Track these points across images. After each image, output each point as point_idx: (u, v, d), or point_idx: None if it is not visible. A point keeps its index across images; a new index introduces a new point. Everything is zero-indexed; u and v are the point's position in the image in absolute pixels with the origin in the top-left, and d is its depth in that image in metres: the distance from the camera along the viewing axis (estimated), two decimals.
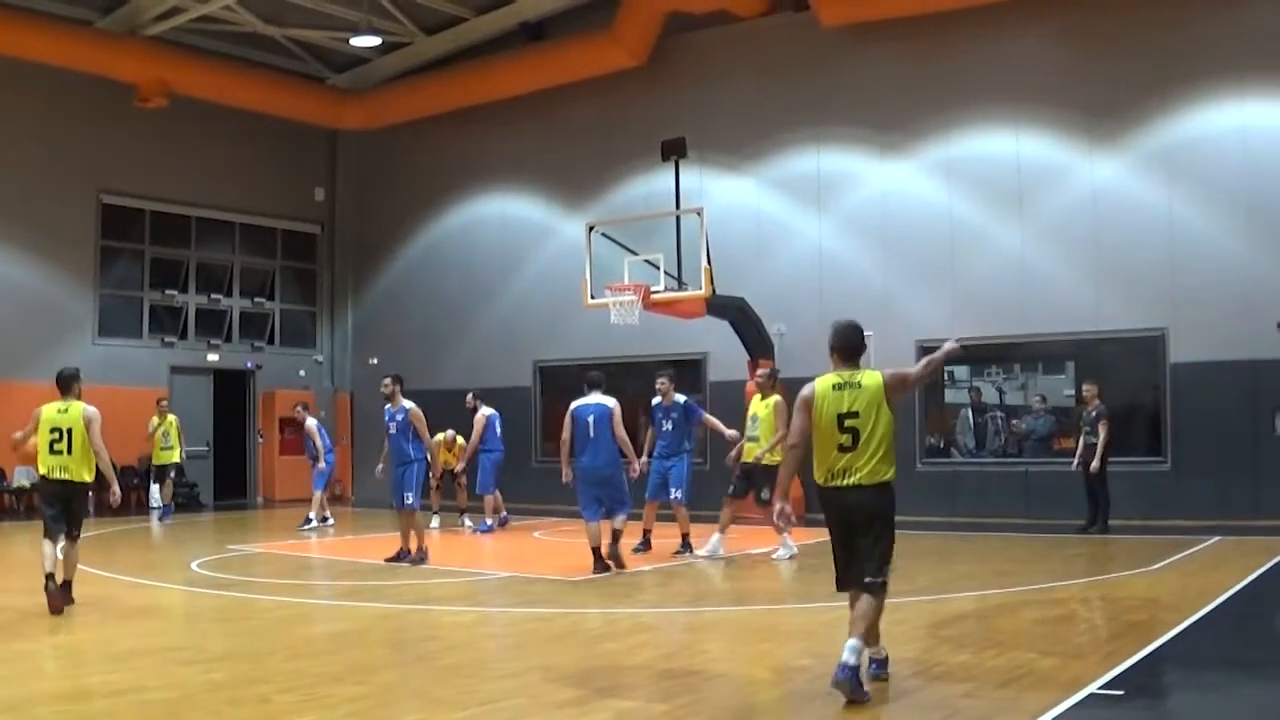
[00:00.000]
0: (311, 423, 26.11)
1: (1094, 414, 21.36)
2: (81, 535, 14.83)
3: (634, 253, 24.47)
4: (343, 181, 36.55)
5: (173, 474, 27.83)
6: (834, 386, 9.61)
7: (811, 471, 9.71)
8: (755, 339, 26.06)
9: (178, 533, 25.16)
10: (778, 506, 10.11)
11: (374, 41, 29.80)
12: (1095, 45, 24.46)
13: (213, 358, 33.72)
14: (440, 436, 23.58)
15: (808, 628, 12.26)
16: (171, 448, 27.62)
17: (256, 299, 35.28)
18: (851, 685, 8.81)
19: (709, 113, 28.54)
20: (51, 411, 15.50)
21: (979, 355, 26.34)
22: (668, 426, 19.61)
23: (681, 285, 24.15)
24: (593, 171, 30.65)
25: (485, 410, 23.94)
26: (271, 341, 35.47)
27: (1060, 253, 24.62)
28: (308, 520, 25.41)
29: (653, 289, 23.88)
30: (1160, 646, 10.73)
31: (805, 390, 9.69)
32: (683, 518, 19.15)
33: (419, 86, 33.18)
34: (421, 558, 18.04)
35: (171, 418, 27.83)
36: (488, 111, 32.14)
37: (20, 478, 29.12)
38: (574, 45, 30.08)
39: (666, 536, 19.25)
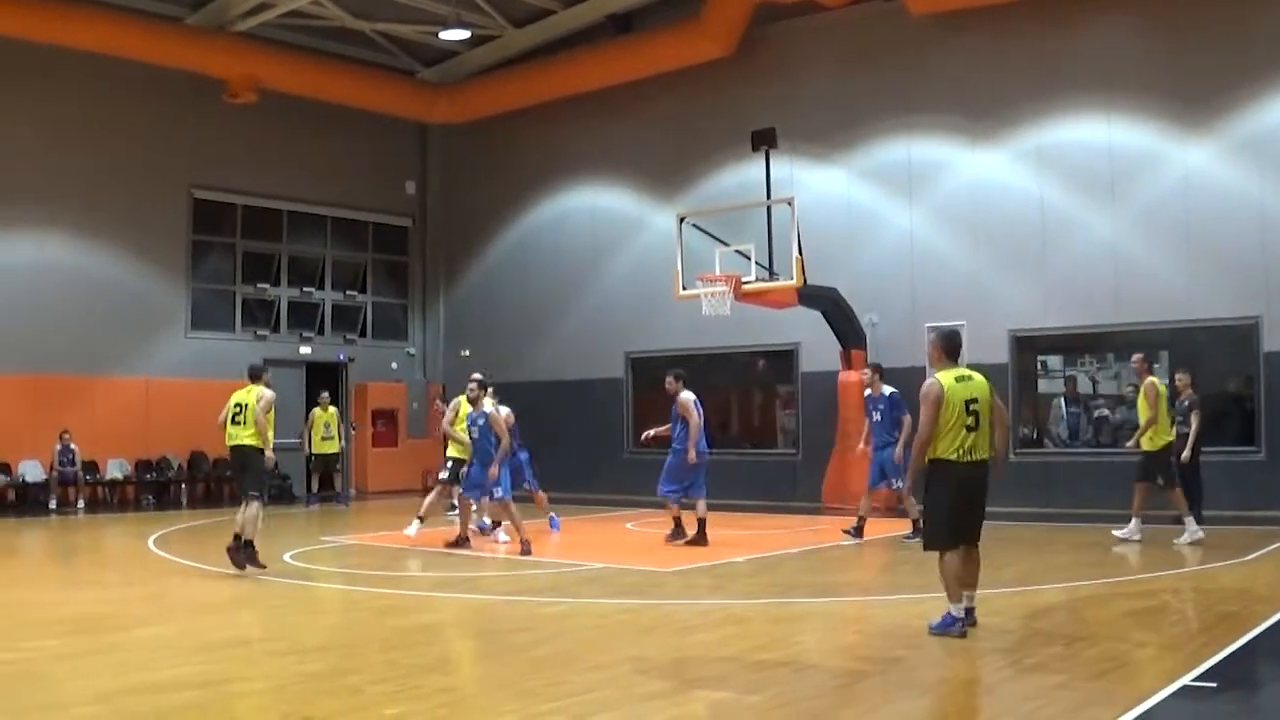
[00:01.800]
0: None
1: (1186, 404, 21.11)
2: (260, 498, 16.62)
3: (725, 243, 24.40)
4: (433, 174, 36.67)
5: (337, 465, 28.86)
6: (956, 379, 11.36)
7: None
8: (847, 329, 25.96)
9: (271, 525, 25.25)
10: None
11: (463, 35, 29.82)
12: (1185, 31, 24.12)
13: (305, 350, 33.90)
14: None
15: (898, 619, 12.15)
16: (332, 438, 28.00)
17: (348, 292, 35.44)
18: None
19: (798, 103, 28.40)
20: (239, 393, 16.64)
21: (1072, 345, 26.10)
22: (876, 417, 19.89)
23: (773, 276, 24.09)
24: (682, 163, 30.58)
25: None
26: (363, 334, 35.64)
27: (1152, 241, 24.33)
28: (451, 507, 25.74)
29: (744, 279, 23.81)
30: (1254, 638, 10.58)
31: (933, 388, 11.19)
32: (910, 505, 18.99)
33: (508, 80, 33.24)
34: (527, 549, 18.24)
35: (332, 410, 28.24)
36: (577, 104, 32.17)
37: (113, 470, 29.37)
38: (662, 37, 30.04)
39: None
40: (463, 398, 20.67)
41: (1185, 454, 20.67)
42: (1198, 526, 17.80)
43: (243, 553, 15.80)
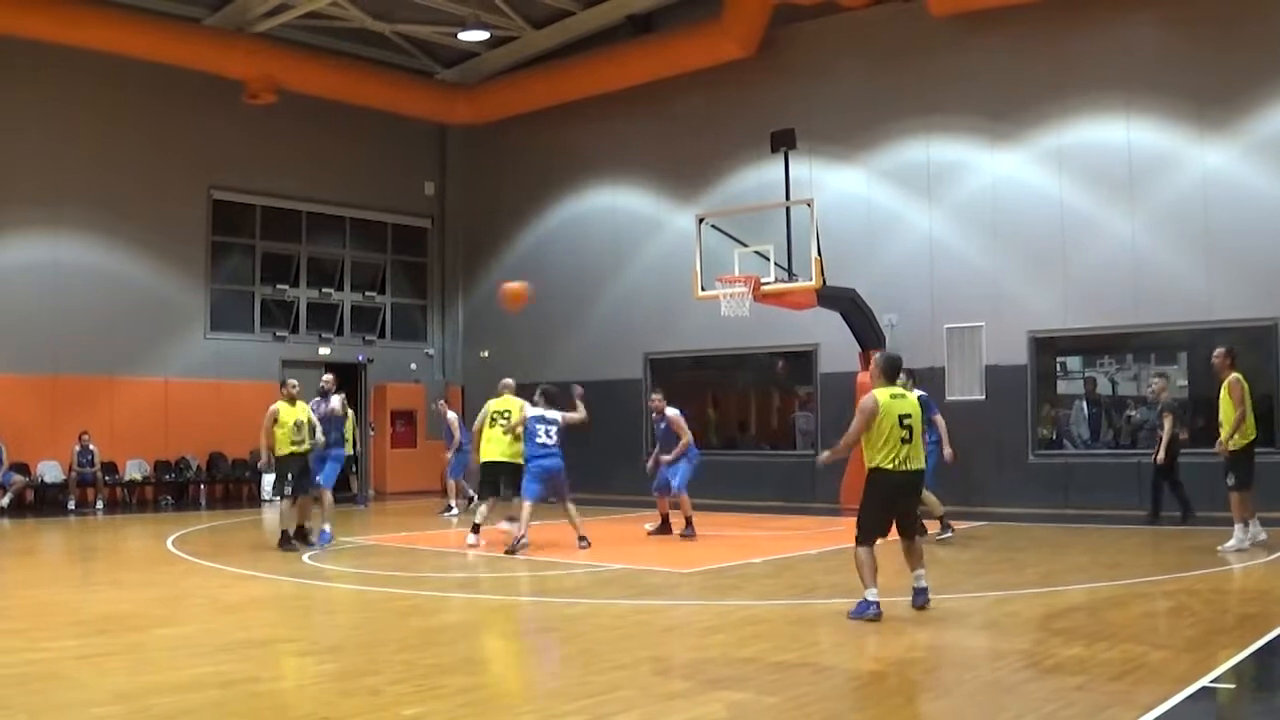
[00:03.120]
0: (452, 415, 26.60)
1: (1160, 407, 21.15)
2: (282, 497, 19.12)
3: (744, 244, 24.38)
4: (453, 175, 36.73)
5: (353, 467, 28.33)
6: (891, 396, 12.44)
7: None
8: (866, 330, 25.93)
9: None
10: None
11: (482, 36, 29.88)
12: (1205, 31, 24.11)
13: (324, 351, 33.96)
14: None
15: (917, 620, 12.12)
16: (347, 440, 27.98)
17: (368, 293, 35.51)
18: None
19: (818, 103, 28.41)
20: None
21: (1091, 346, 26.08)
22: None
23: (792, 276, 24.07)
24: (702, 163, 30.58)
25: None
26: (383, 335, 35.71)
27: (1172, 242, 24.29)
28: (449, 508, 25.84)
29: (763, 280, 23.80)
30: (1273, 640, 10.52)
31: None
32: (932, 503, 18.87)
33: (527, 80, 33.29)
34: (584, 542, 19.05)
35: (350, 413, 28.22)
36: (596, 104, 32.19)
37: (132, 471, 29.43)
38: (682, 37, 30.06)
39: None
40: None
41: (1160, 456, 20.70)
42: (1245, 536, 17.48)
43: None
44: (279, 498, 20.37)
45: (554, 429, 19.30)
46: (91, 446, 28.00)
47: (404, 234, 36.42)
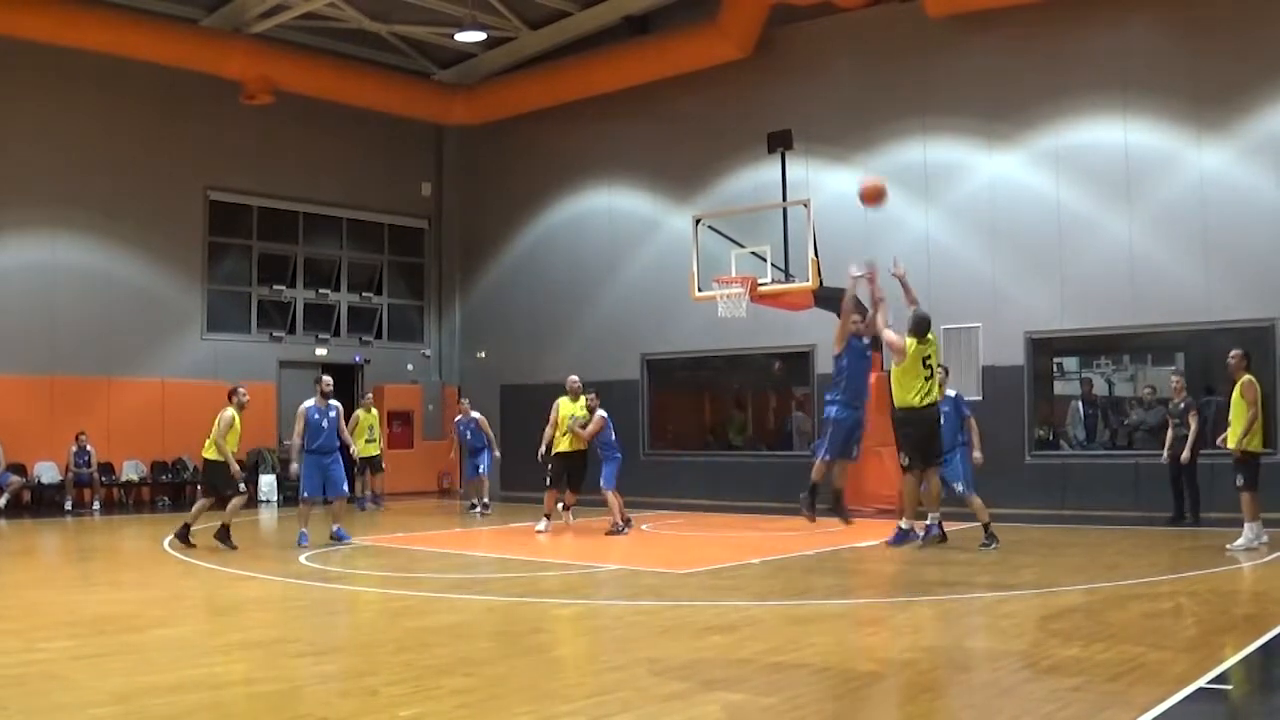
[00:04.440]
0: (476, 415, 26.67)
1: (1182, 405, 21.12)
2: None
3: (741, 245, 24.41)
4: (449, 176, 36.73)
5: (382, 467, 28.64)
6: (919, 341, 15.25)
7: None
8: None
9: (287, 525, 25.32)
10: None
11: (479, 37, 29.85)
12: (1201, 31, 24.12)
13: (321, 352, 33.98)
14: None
15: (914, 621, 12.13)
16: (374, 441, 27.89)
17: (364, 294, 35.53)
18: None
19: (814, 104, 28.42)
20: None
21: (1088, 347, 26.09)
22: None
23: (789, 277, 24.10)
24: (698, 164, 30.59)
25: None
26: (379, 336, 35.72)
27: (1169, 243, 24.30)
28: (485, 505, 25.96)
29: (760, 281, 23.81)
30: (1271, 641, 10.52)
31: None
32: (977, 508, 18.80)
33: (524, 81, 33.31)
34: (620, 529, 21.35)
35: (374, 412, 28.19)
36: (593, 105, 32.20)
37: (128, 472, 29.43)
38: (678, 38, 30.08)
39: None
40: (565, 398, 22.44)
41: (1184, 455, 20.68)
42: (1255, 535, 17.53)
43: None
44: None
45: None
46: (88, 447, 28.00)
47: (401, 235, 36.42)
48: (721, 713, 8.36)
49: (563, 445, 21.95)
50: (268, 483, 30.67)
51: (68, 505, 27.64)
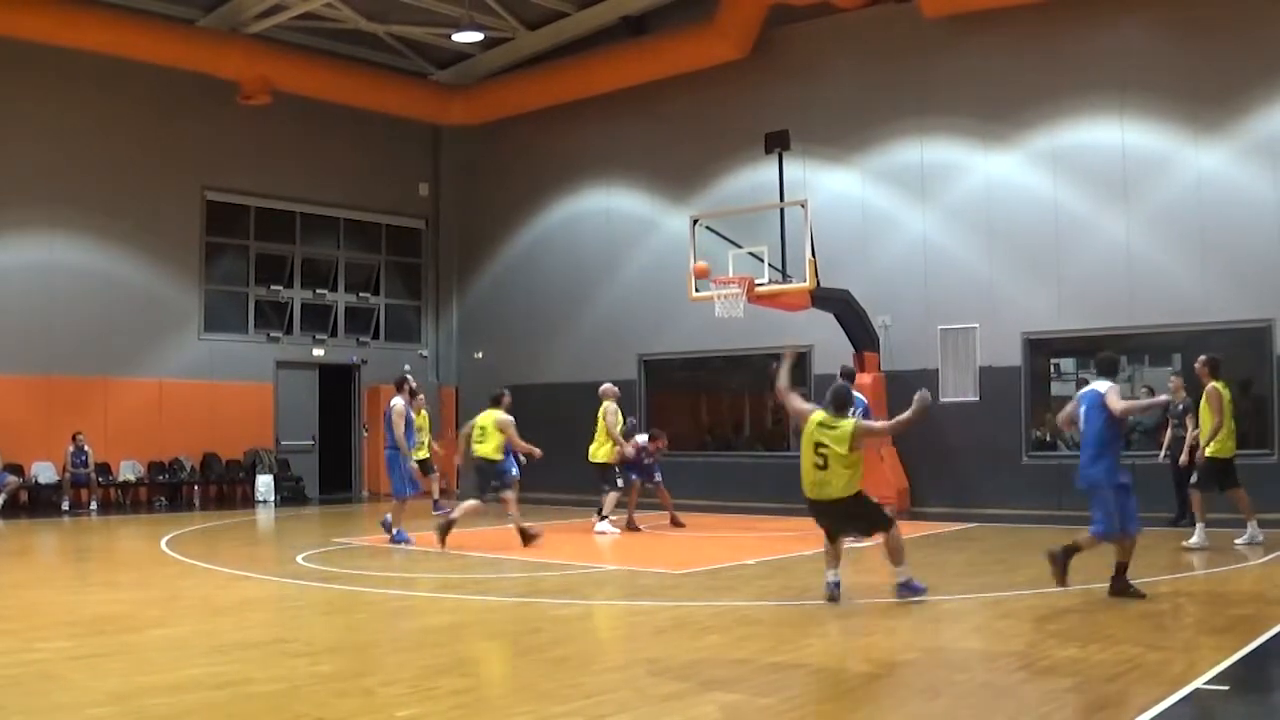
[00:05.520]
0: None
1: (1181, 407, 21.10)
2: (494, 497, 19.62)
3: (738, 245, 24.39)
4: (447, 176, 36.72)
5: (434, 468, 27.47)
6: (819, 424, 13.05)
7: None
8: (860, 331, 25.97)
9: (282, 526, 25.35)
10: None
11: (476, 37, 29.82)
12: (1199, 32, 24.11)
13: (318, 352, 33.98)
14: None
15: (912, 622, 12.14)
16: (423, 445, 27.33)
17: (361, 294, 35.50)
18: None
19: (812, 105, 28.42)
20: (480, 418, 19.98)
21: (1086, 348, 26.08)
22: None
23: (786, 278, 24.08)
24: (696, 164, 30.60)
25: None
26: (376, 336, 35.70)
27: (1166, 243, 24.30)
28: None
29: (757, 282, 23.81)
30: (1267, 641, 10.54)
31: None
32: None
33: (522, 81, 33.29)
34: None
35: (425, 414, 27.42)
36: (590, 106, 32.21)
37: (126, 472, 29.42)
38: (676, 38, 30.07)
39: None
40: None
41: (1182, 458, 20.67)
42: (1259, 529, 17.67)
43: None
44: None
45: None
46: (86, 447, 27.98)
47: (398, 235, 36.41)
48: (719, 713, 8.37)
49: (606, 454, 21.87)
50: (265, 483, 30.65)
51: (65, 505, 27.60)
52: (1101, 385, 13.56)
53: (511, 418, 19.99)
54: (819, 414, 13.19)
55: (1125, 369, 25.71)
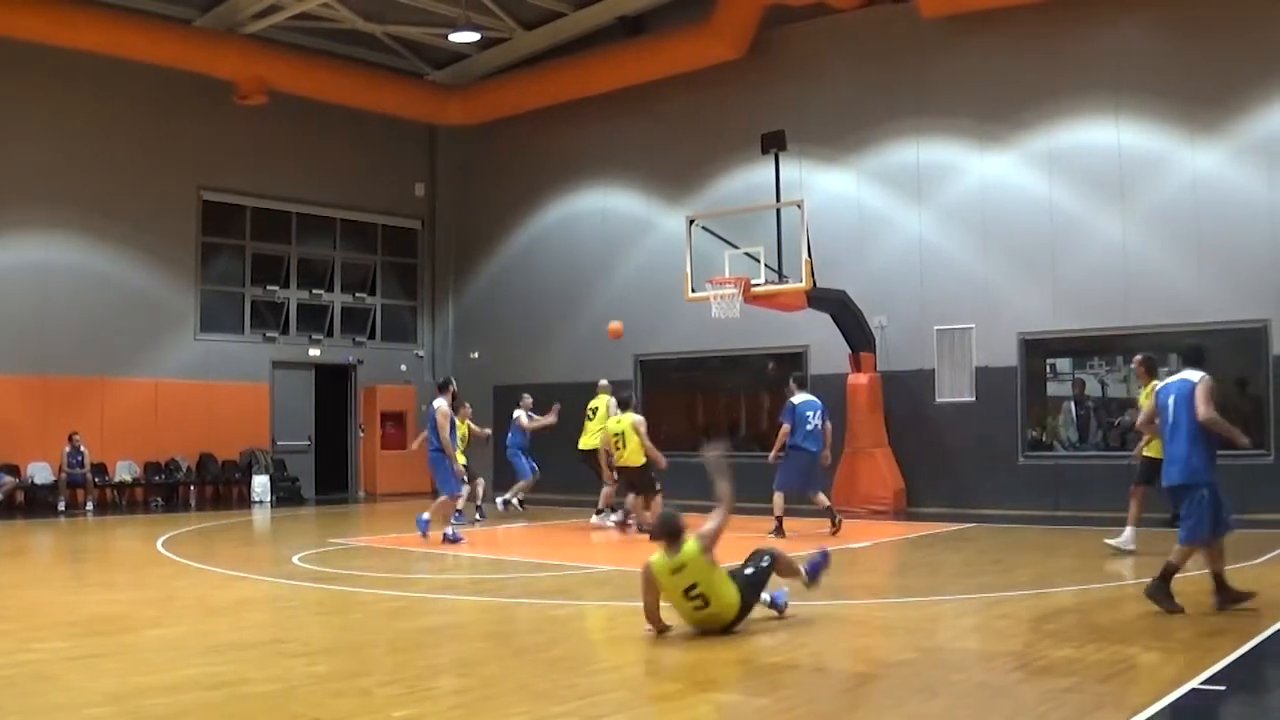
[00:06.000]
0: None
1: None
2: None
3: (734, 246, 24.39)
4: (443, 177, 36.71)
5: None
6: (671, 572, 11.25)
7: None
8: (856, 332, 25.98)
9: (278, 526, 25.34)
10: None
11: (473, 37, 29.80)
12: (1195, 33, 24.09)
13: (314, 353, 33.98)
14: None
15: (909, 622, 12.15)
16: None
17: (358, 294, 35.49)
18: None
19: (809, 105, 28.42)
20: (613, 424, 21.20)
21: (1081, 348, 26.10)
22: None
23: (782, 278, 24.07)
24: (692, 165, 30.59)
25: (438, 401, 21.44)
26: (373, 336, 35.70)
27: (1162, 244, 24.29)
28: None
29: (753, 282, 23.80)
30: (1262, 642, 10.54)
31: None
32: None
33: (518, 82, 33.28)
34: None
35: (468, 422, 26.37)
36: (587, 106, 32.20)
37: (122, 472, 29.41)
38: (673, 39, 30.05)
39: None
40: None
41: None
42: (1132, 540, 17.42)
43: None
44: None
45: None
46: (82, 448, 27.96)
47: (394, 235, 36.40)
48: (715, 713, 8.39)
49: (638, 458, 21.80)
50: (261, 483, 30.64)
51: (61, 506, 27.60)
52: (1193, 375, 12.54)
53: (641, 417, 21.93)
54: (659, 560, 11.37)
55: (1120, 369, 25.72)
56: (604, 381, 25.06)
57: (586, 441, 23.79)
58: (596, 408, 24.00)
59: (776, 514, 21.23)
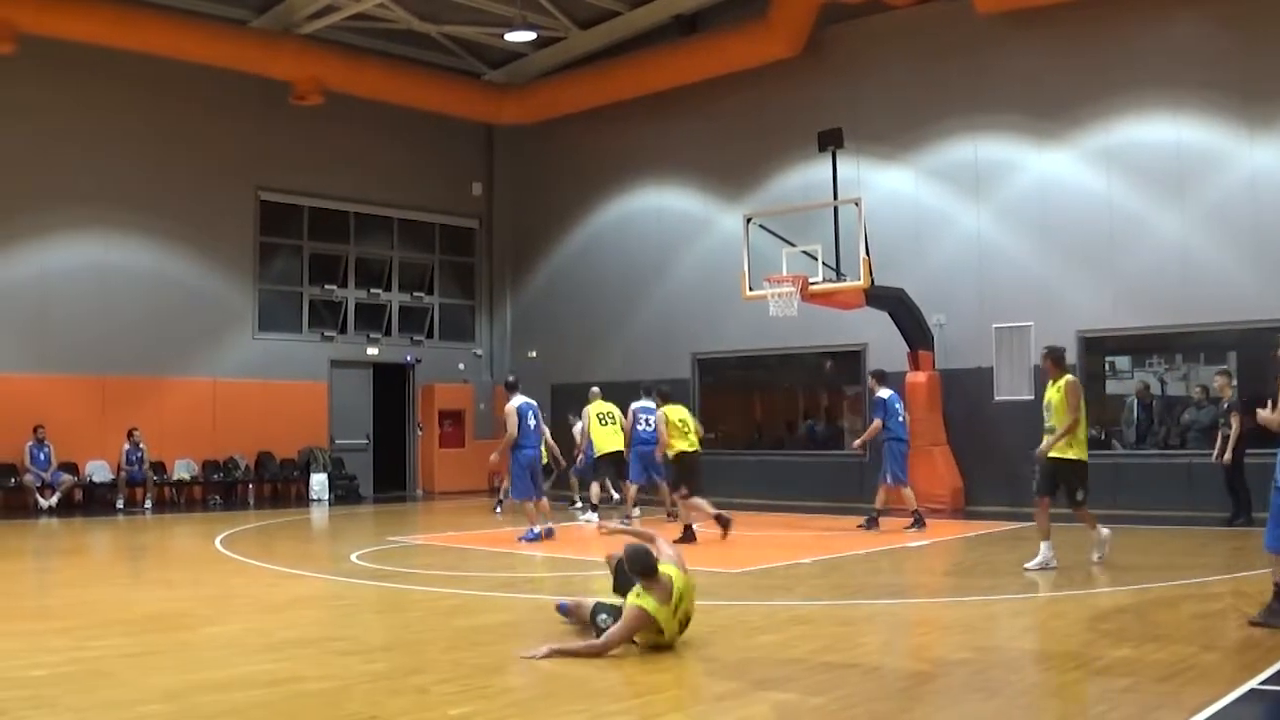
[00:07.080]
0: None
1: (1226, 405, 20.95)
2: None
3: (792, 244, 24.32)
4: (500, 176, 36.76)
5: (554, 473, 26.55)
6: (673, 613, 10.51)
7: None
8: (914, 330, 25.89)
9: (336, 524, 25.40)
10: None
11: (529, 36, 29.86)
12: (1252, 27, 23.85)
13: (372, 351, 34.09)
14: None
15: (965, 620, 12.08)
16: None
17: (415, 293, 35.60)
18: None
19: (865, 103, 28.34)
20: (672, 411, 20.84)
21: (1140, 346, 25.92)
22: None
23: (840, 276, 24.02)
24: (749, 163, 30.54)
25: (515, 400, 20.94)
26: (430, 335, 35.80)
27: (1221, 241, 24.09)
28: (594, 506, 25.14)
29: (811, 280, 23.73)
30: None
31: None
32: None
33: (574, 81, 33.33)
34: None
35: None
36: (643, 105, 32.22)
37: (180, 470, 29.55)
38: (728, 37, 30.03)
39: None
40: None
41: (1226, 456, 20.53)
42: (1052, 554, 16.41)
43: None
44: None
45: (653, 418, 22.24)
46: (141, 445, 28.11)
47: (452, 234, 36.51)
48: (771, 712, 8.33)
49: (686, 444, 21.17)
50: (319, 481, 30.74)
51: (119, 504, 27.78)
52: None
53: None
54: (655, 606, 10.32)
55: (1180, 367, 25.55)
56: (595, 389, 25.53)
57: (613, 443, 24.34)
58: (611, 413, 24.57)
59: (912, 507, 21.43)
